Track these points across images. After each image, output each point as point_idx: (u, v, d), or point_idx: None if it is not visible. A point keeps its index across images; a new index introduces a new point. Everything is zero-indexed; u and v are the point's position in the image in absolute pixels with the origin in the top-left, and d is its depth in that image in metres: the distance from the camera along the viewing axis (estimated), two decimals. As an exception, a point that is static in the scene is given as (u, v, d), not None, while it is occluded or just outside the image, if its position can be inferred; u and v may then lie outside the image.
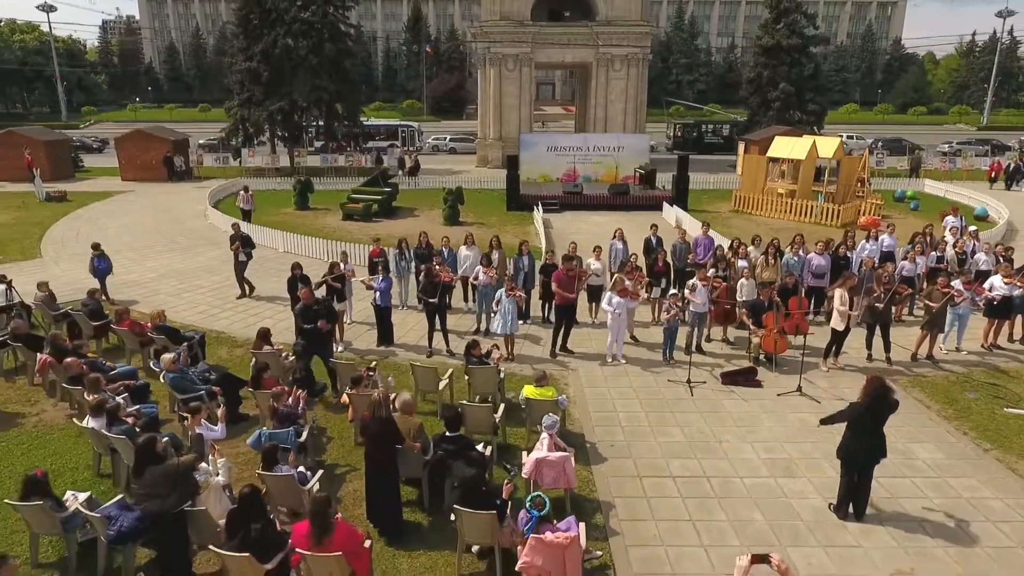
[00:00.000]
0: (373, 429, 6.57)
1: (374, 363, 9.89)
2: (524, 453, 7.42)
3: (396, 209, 25.31)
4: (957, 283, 11.16)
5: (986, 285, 11.47)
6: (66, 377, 8.90)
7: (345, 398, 8.56)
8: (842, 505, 7.16)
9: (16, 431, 9.09)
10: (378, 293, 11.46)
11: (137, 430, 7.35)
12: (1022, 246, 19.64)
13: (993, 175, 30.23)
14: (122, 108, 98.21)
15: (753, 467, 8.13)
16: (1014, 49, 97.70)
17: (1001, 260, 13.10)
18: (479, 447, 7.37)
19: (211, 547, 5.68)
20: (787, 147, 23.81)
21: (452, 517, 6.24)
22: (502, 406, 8.60)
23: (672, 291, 11.60)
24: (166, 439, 6.59)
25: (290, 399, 7.94)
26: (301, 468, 7.09)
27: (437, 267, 11.50)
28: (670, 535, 6.88)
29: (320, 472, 7.47)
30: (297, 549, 5.45)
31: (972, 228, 15.85)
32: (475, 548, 6.37)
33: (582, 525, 6.18)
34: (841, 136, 28.96)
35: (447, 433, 7.05)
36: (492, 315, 11.33)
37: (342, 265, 12.53)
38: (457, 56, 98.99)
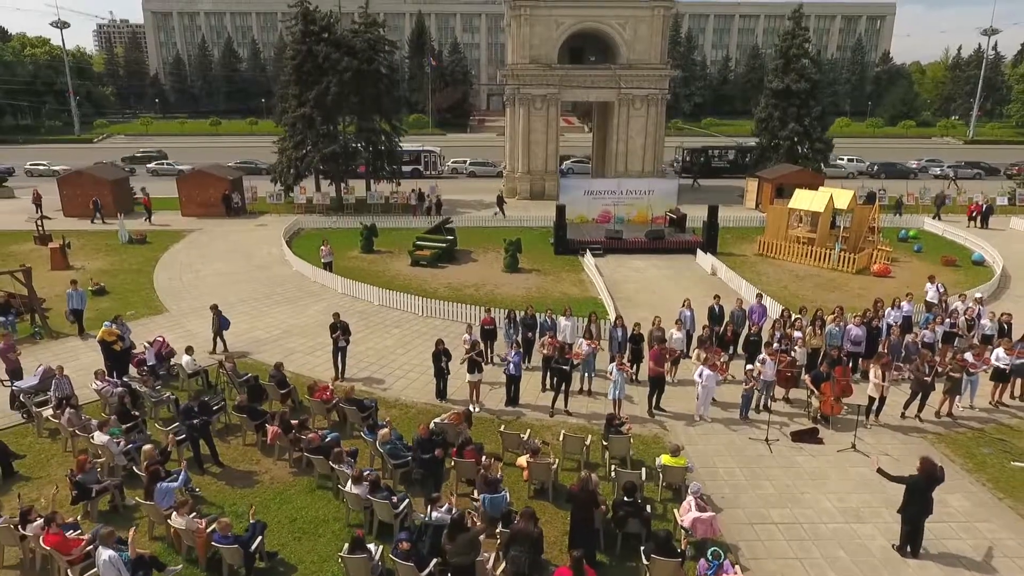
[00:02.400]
0: (582, 498, 9.36)
1: (540, 441, 12.26)
2: (675, 511, 10.22)
3: (456, 252, 27.88)
4: (969, 355, 14.13)
5: (992, 357, 14.43)
6: (308, 447, 11.53)
7: (522, 462, 11.32)
8: (903, 546, 10.05)
9: (259, 487, 11.75)
10: (511, 364, 14.20)
11: (394, 499, 10.06)
12: (1017, 294, 22.83)
13: (973, 213, 33.30)
14: (129, 120, 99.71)
15: (831, 514, 11.00)
16: (998, 64, 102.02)
17: (1004, 327, 16.17)
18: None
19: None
20: (807, 200, 26.81)
21: (645, 561, 9.02)
22: (643, 470, 11.38)
23: (748, 366, 14.40)
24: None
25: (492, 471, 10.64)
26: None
27: (559, 343, 14.27)
28: (785, 570, 9.72)
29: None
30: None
31: (978, 294, 18.82)
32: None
33: (737, 567, 8.99)
34: (855, 190, 31.96)
35: (626, 498, 9.83)
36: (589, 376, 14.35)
37: (467, 336, 15.20)
38: (460, 69, 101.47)
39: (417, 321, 19.94)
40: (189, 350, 15.14)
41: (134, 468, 11.44)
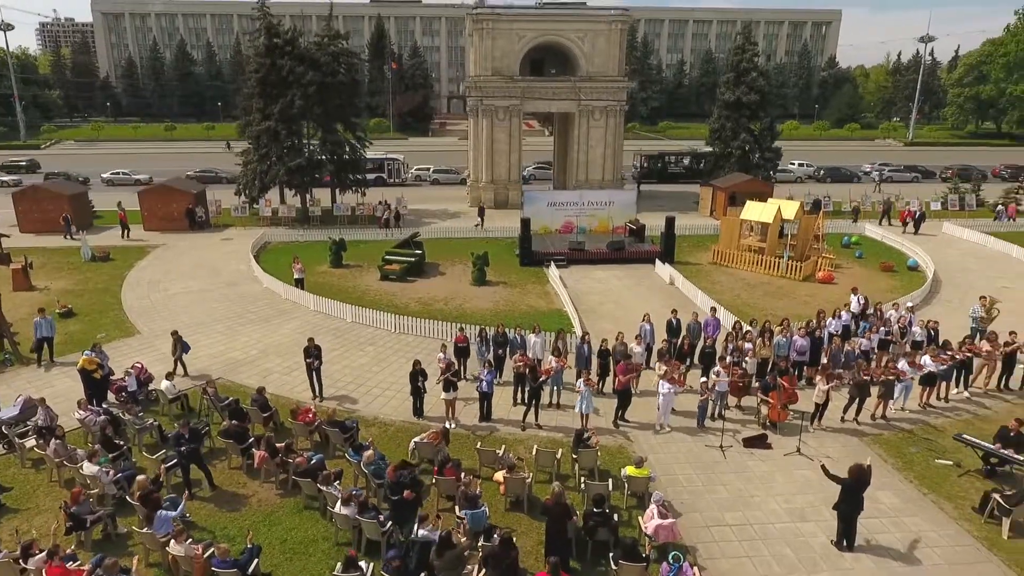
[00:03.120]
0: (556, 511, 10.28)
1: (515, 457, 13.16)
2: (640, 519, 11.23)
3: (424, 265, 28.47)
4: (902, 363, 15.59)
5: (920, 361, 15.92)
6: (296, 471, 12.15)
7: (499, 477, 12.19)
8: (840, 541, 11.27)
9: (248, 510, 12.32)
10: (484, 383, 15.04)
11: (381, 517, 10.80)
12: (945, 298, 24.74)
13: (907, 219, 35.53)
14: (79, 125, 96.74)
15: (778, 515, 12.18)
16: (934, 69, 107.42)
17: (932, 334, 17.78)
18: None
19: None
20: (757, 211, 28.38)
21: (614, 567, 9.99)
22: (610, 480, 12.37)
23: (703, 379, 15.55)
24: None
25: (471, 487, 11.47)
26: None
27: (530, 362, 15.17)
28: (737, 568, 10.83)
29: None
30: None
31: (909, 303, 20.47)
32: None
33: (695, 568, 10.03)
34: (803, 199, 33.75)
35: (595, 509, 10.78)
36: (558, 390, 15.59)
37: (442, 355, 15.99)
38: (421, 73, 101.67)
39: (390, 338, 20.58)
40: (169, 375, 15.52)
41: (125, 496, 11.88)
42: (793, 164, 56.79)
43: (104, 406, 15.08)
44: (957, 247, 32.26)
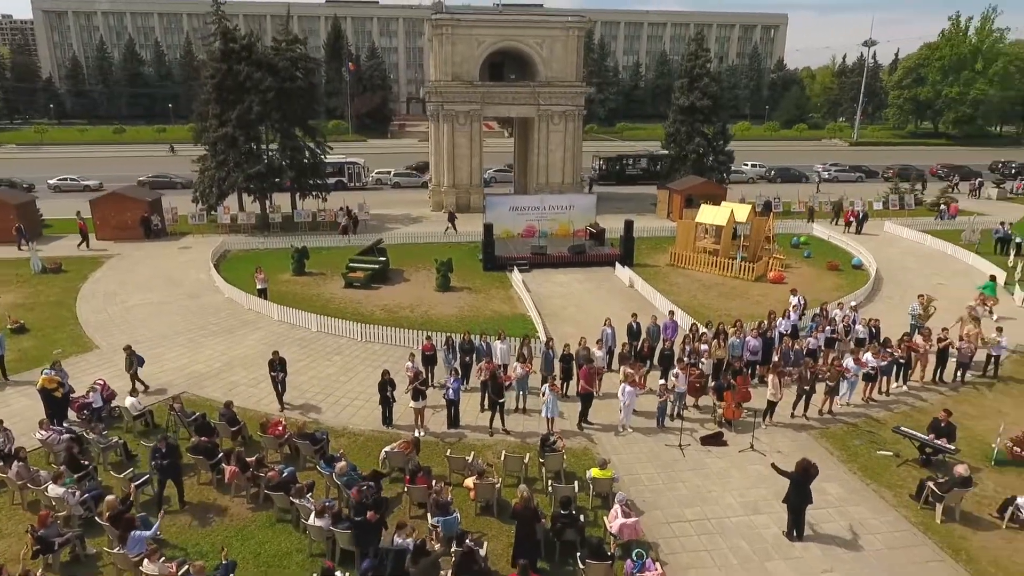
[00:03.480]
0: (525, 515, 10.73)
1: (486, 464, 13.52)
2: (605, 519, 11.78)
3: (388, 272, 28.57)
4: (848, 361, 16.58)
5: (863, 359, 16.94)
6: (268, 484, 12.30)
7: (469, 483, 12.58)
8: (790, 531, 12.04)
9: (220, 525, 12.41)
10: (450, 391, 15.40)
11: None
12: (886, 295, 26.14)
13: (850, 219, 37.22)
14: (19, 128, 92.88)
15: (734, 509, 12.91)
16: (876, 72, 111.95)
17: (873, 331, 18.89)
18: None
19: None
20: (711, 214, 29.42)
21: (581, 566, 10.49)
22: (576, 483, 12.89)
23: (661, 381, 16.23)
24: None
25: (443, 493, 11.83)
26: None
27: (493, 369, 15.58)
28: (696, 561, 11.47)
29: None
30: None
31: (853, 303, 21.64)
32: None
33: (657, 564, 10.62)
34: (754, 202, 34.98)
35: (562, 511, 11.27)
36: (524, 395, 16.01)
37: (410, 364, 16.26)
38: (379, 74, 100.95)
39: (357, 347, 20.72)
40: (133, 392, 15.39)
41: (93, 517, 11.84)
42: (746, 165, 58.67)
43: (66, 425, 14.88)
44: (898, 246, 33.99)
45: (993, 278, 25.26)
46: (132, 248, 32.47)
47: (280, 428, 14.33)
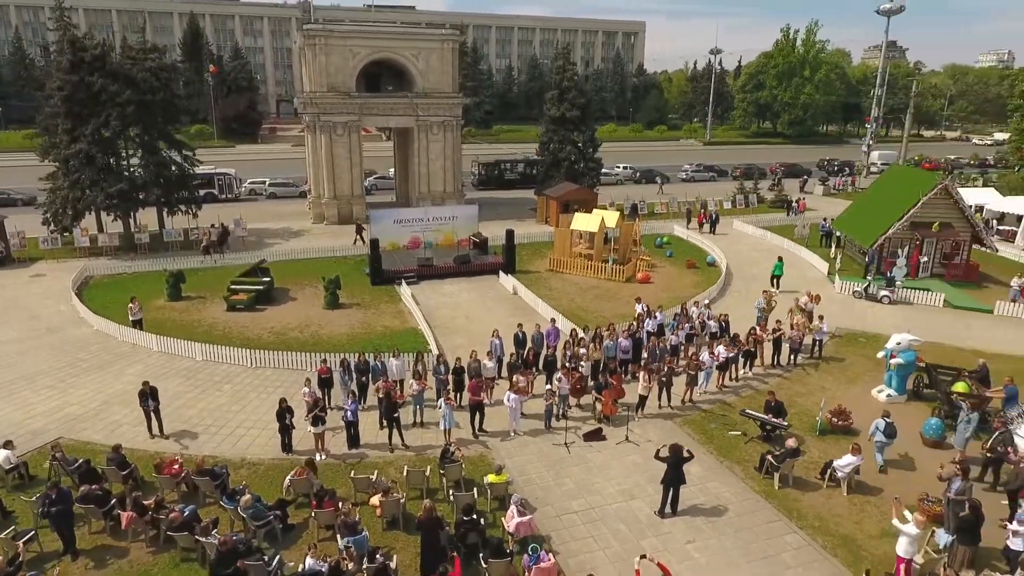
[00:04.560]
0: (428, 524, 11.74)
1: (391, 481, 14.28)
2: (502, 519, 13.05)
3: (274, 292, 28.05)
4: (704, 355, 19.06)
5: (716, 351, 19.53)
6: (170, 526, 12.34)
7: (375, 501, 13.36)
8: (663, 509, 13.97)
9: (121, 572, 12.29)
10: (349, 412, 16.01)
11: (265, 558, 11.52)
12: (735, 290, 29.66)
13: (702, 222, 41.39)
14: None
15: (613, 496, 14.68)
16: (724, 77, 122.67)
17: (723, 325, 21.70)
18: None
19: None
20: (584, 221, 31.75)
21: (484, 565, 11.68)
22: (475, 489, 14.06)
23: (547, 386, 17.81)
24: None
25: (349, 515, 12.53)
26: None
27: (389, 388, 16.38)
28: (583, 548, 13.06)
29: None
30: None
31: (706, 301, 24.55)
32: (494, 579, 11.90)
33: (551, 555, 12.03)
34: (622, 204, 37.98)
35: (464, 517, 12.39)
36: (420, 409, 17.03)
37: (307, 389, 16.64)
38: (244, 75, 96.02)
39: (247, 373, 20.55)
40: (7, 444, 14.56)
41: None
42: (618, 167, 62.72)
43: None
44: (744, 242, 38.35)
45: (780, 259, 29.53)
46: (-28, 278, 29.45)
47: (176, 467, 14.25)
